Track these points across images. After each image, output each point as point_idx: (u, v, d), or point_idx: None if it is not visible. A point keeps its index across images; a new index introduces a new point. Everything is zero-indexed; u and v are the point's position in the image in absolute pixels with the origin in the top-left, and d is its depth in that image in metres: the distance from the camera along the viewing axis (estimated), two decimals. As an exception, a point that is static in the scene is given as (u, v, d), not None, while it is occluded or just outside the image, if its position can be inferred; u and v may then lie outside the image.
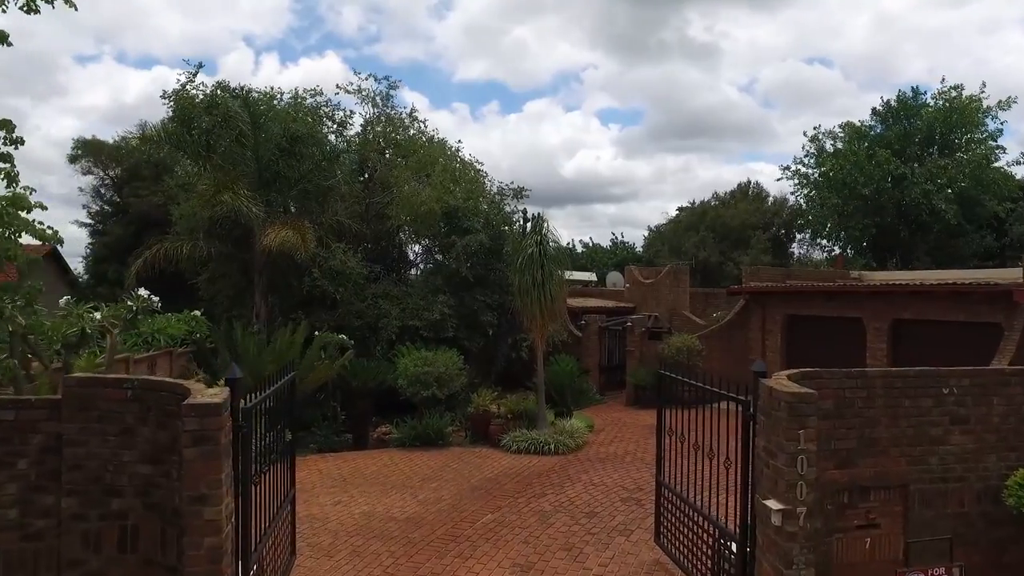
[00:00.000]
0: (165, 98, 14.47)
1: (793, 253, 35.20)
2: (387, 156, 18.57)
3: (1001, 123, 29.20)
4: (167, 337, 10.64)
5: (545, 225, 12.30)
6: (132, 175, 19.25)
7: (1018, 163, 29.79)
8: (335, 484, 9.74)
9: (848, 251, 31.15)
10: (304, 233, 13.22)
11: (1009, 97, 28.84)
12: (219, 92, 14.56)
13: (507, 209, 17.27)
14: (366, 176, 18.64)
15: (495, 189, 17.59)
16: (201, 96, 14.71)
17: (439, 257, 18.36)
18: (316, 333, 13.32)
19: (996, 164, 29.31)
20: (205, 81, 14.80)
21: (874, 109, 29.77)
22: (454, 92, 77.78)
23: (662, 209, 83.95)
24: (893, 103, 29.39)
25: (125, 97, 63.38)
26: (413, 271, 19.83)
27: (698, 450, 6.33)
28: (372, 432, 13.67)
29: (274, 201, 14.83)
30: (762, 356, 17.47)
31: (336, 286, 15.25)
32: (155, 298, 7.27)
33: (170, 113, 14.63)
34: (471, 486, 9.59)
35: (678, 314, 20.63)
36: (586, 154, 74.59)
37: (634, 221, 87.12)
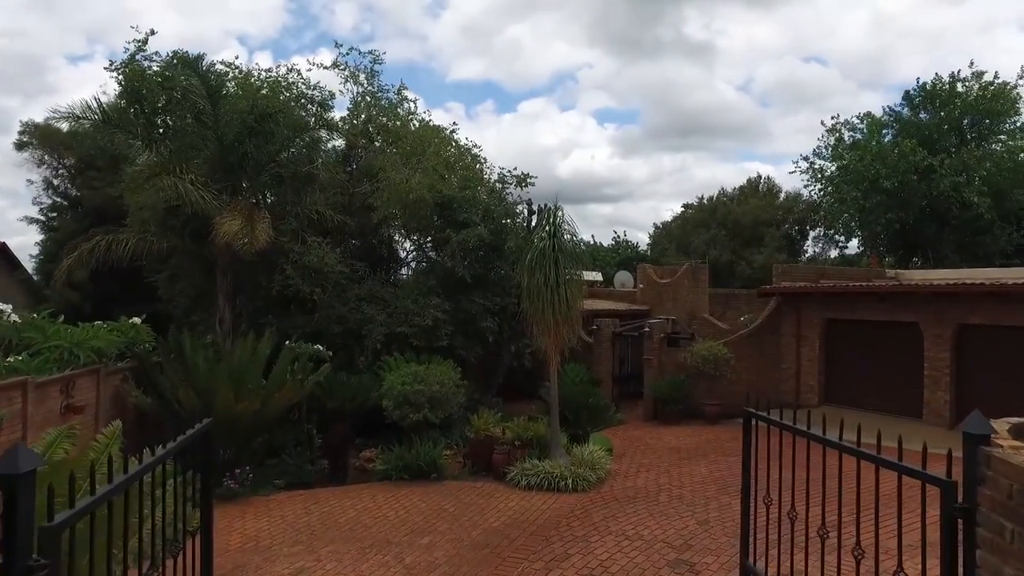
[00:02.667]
0: (112, 70, 12.37)
1: (807, 251, 33.30)
2: (376, 144, 16.53)
3: (1034, 111, 27.23)
4: (92, 351, 8.59)
5: (559, 215, 10.28)
6: (87, 164, 17.14)
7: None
8: (299, 540, 7.67)
9: (869, 249, 29.25)
10: (255, 223, 11.15)
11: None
12: (175, 63, 12.47)
13: (510, 199, 15.24)
14: (354, 166, 16.60)
15: (495, 177, 15.54)
16: (155, 68, 12.64)
17: (432, 255, 16.34)
18: (287, 343, 11.27)
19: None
20: (160, 51, 12.75)
21: (907, 93, 27.84)
22: (448, 92, 75.91)
23: (658, 209, 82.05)
24: (928, 86, 27.41)
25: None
26: (404, 271, 17.79)
27: (824, 537, 4.26)
28: (353, 459, 11.63)
29: (241, 188, 12.75)
30: (796, 366, 15.51)
31: (312, 287, 13.21)
32: (6, 306, 5.23)
33: (118, 88, 12.52)
34: (472, 541, 7.54)
35: (698, 317, 18.63)
36: (581, 154, 72.86)
37: (629, 222, 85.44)
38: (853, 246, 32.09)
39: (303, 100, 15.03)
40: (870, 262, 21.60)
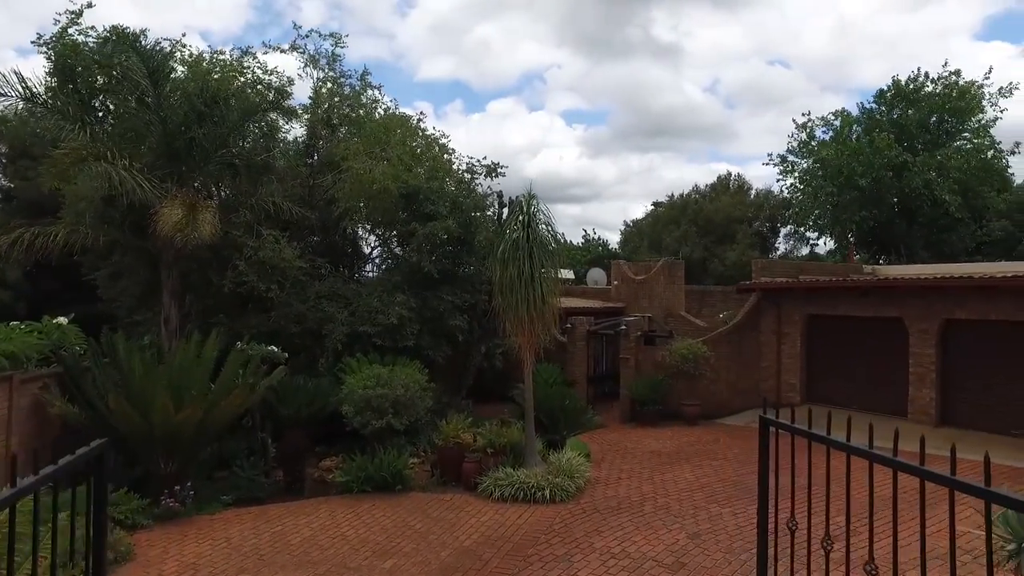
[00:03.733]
0: (40, 45, 11.23)
1: (777, 248, 33.17)
2: (339, 135, 15.59)
3: (1001, 111, 27.47)
4: (2, 355, 7.51)
5: (534, 204, 9.52)
6: (20, 153, 15.80)
7: (1013, 153, 28.24)
8: (244, 567, 6.78)
9: (845, 245, 29.16)
10: (198, 212, 10.17)
11: (1011, 83, 27.24)
12: (113, 38, 11.39)
13: (479, 191, 14.44)
14: (315, 158, 15.64)
15: (464, 167, 14.73)
16: (92, 43, 11.53)
17: (398, 251, 15.47)
18: (238, 344, 10.31)
19: (993, 154, 27.71)
20: (98, 25, 11.64)
21: (880, 91, 27.82)
22: (417, 91, 74.57)
23: (626, 210, 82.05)
24: (900, 84, 27.45)
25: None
26: (369, 268, 16.87)
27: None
28: (312, 469, 10.72)
29: (188, 177, 11.70)
30: (777, 364, 15.03)
31: (268, 283, 12.25)
32: None
33: (47, 66, 11.37)
34: (442, 564, 6.74)
35: (674, 315, 18.11)
36: (549, 154, 72.29)
37: (598, 222, 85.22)
38: (823, 244, 32.07)
39: (259, 86, 14.02)
40: (847, 257, 21.35)
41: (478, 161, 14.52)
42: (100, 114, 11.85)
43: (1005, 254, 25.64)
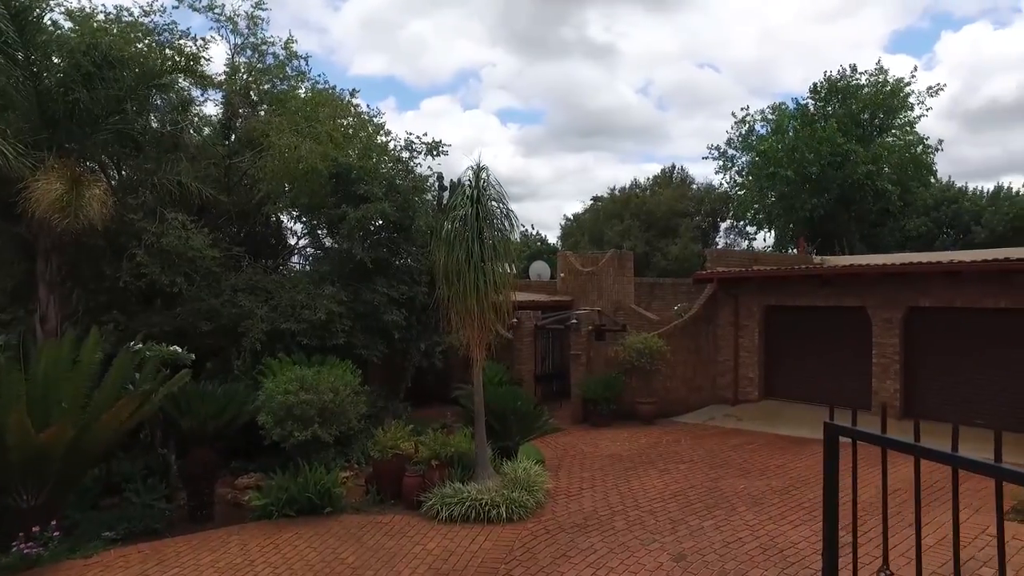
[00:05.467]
0: None
1: (718, 243, 33.06)
2: (261, 112, 13.90)
3: (927, 109, 28.16)
4: None
5: (484, 177, 8.29)
6: None
7: (937, 150, 28.98)
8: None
9: (780, 237, 29.22)
10: (83, 188, 8.50)
11: (938, 83, 27.96)
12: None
13: (419, 171, 13.11)
14: (233, 137, 13.89)
15: (401, 144, 13.36)
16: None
17: (328, 242, 13.95)
18: (130, 344, 8.63)
19: (921, 150, 28.34)
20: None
21: (814, 85, 27.98)
22: (350, 87, 71.80)
23: (560, 209, 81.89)
24: (833, 78, 27.69)
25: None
26: (296, 260, 15.24)
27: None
28: (227, 490, 9.17)
29: (71, 148, 9.88)
30: (735, 358, 14.32)
31: (174, 275, 10.56)
32: None
33: None
34: (380, 611, 5.44)
35: (624, 308, 17.20)
36: (484, 153, 71.13)
37: (533, 221, 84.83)
38: (762, 238, 32.16)
39: (167, 49, 12.22)
40: (798, 248, 21.08)
41: (418, 138, 13.16)
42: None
43: (926, 248, 26.19)
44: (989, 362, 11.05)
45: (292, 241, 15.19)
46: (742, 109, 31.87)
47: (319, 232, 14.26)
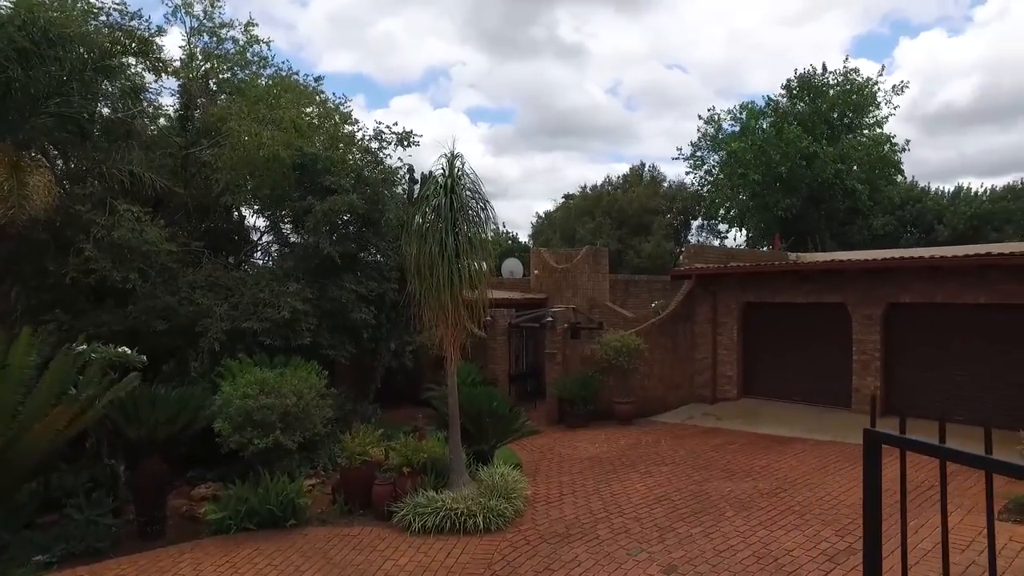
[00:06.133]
0: None
1: (689, 241, 33.00)
2: (221, 101, 13.17)
3: (894, 108, 28.44)
4: None
5: (459, 165, 7.79)
6: None
7: (904, 150, 29.32)
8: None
9: (751, 235, 29.25)
10: (24, 175, 7.80)
11: (902, 81, 28.24)
12: None
13: (389, 162, 12.55)
14: (191, 127, 13.14)
15: (370, 134, 12.77)
16: None
17: (293, 238, 13.31)
18: (71, 345, 7.92)
19: (889, 148, 28.61)
20: None
21: (787, 82, 28.04)
22: (315, 74, 70.50)
23: (530, 208, 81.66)
24: (805, 75, 27.78)
25: None
26: (259, 256, 14.52)
27: None
28: (182, 501, 8.53)
29: (6, 132, 9.10)
30: (713, 356, 14.07)
31: (126, 271, 9.83)
32: None
33: None
34: (348, 638, 4.92)
35: (600, 306, 16.86)
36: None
37: (504, 220, 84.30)
38: (733, 236, 32.22)
39: (118, 32, 11.45)
40: (773, 245, 21.01)
41: (387, 127, 12.59)
42: None
43: (892, 246, 26.48)
44: (969, 357, 10.94)
45: (255, 236, 14.50)
46: (708, 110, 31.88)
47: (283, 226, 13.61)
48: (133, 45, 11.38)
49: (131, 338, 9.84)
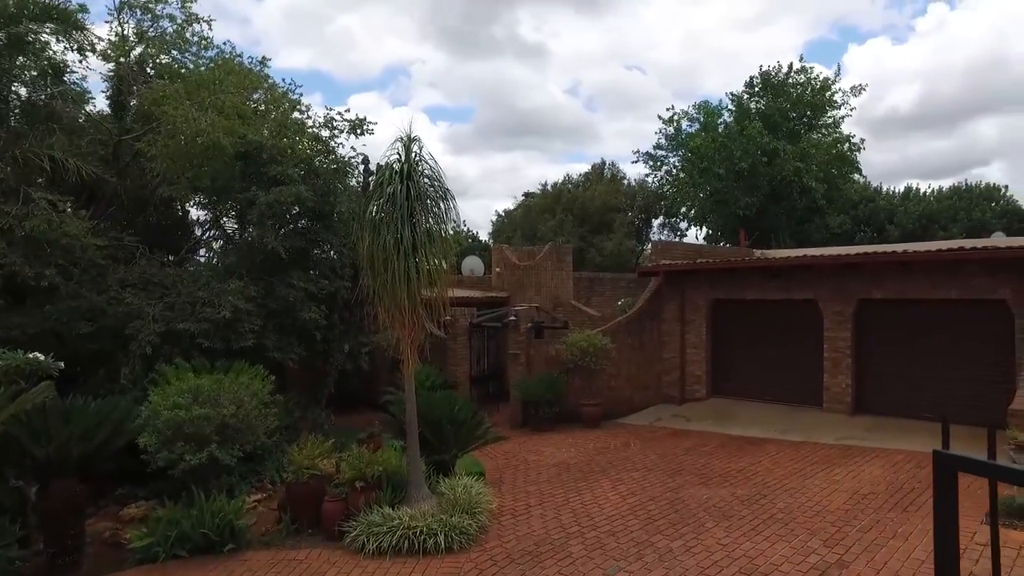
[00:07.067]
0: None
1: (653, 238, 32.85)
2: (157, 85, 12.17)
3: (851, 109, 28.72)
4: None
5: (416, 150, 7.12)
6: None
7: (861, 149, 29.66)
8: None
9: (712, 233, 29.19)
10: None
11: (860, 83, 28.56)
12: None
13: (342, 152, 11.76)
14: (125, 119, 12.09)
15: (320, 122, 11.96)
16: None
17: (238, 236, 12.40)
18: (-24, 352, 6.97)
19: (848, 147, 28.90)
20: None
21: (749, 80, 28.03)
22: (275, 80, 68.54)
23: (490, 208, 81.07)
24: (767, 73, 27.83)
25: None
26: (203, 253, 13.53)
27: None
28: (109, 523, 7.65)
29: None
30: (681, 355, 13.67)
31: (41, 267, 8.87)
32: None
33: None
34: None
35: (564, 304, 16.37)
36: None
37: (464, 219, 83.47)
38: (694, 234, 32.16)
39: (34, 7, 10.39)
40: (738, 242, 20.82)
41: (339, 114, 11.79)
42: None
43: (847, 244, 26.72)
44: (941, 353, 10.75)
45: (198, 232, 13.51)
46: (668, 110, 31.78)
47: (225, 220, 12.68)
48: (47, 14, 10.34)
49: (55, 342, 8.90)
